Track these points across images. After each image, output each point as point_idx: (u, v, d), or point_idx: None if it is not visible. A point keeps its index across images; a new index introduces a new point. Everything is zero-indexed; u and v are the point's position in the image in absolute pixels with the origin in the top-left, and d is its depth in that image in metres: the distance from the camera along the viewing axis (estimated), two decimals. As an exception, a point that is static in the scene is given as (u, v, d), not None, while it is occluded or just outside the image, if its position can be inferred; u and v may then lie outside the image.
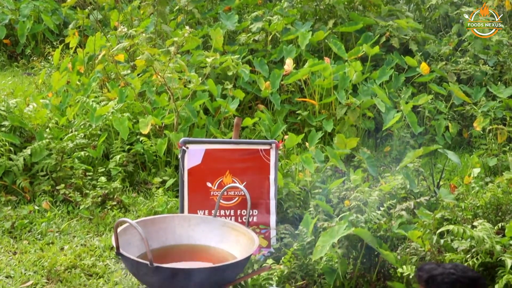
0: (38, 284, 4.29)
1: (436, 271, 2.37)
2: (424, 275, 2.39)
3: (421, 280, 2.41)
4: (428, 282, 2.36)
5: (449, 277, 2.32)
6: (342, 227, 4.01)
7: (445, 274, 2.34)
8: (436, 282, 2.33)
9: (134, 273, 3.06)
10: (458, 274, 2.33)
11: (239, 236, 3.27)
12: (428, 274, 2.38)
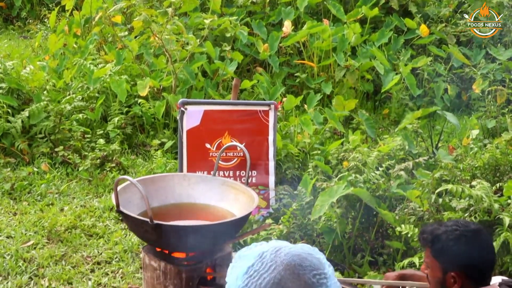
0: (38, 244, 4.32)
1: (439, 230, 2.38)
2: (429, 237, 2.40)
3: (426, 242, 2.41)
4: (434, 242, 2.37)
5: (453, 233, 2.33)
6: (341, 187, 4.03)
7: (449, 231, 2.35)
8: (441, 241, 2.34)
9: (134, 230, 3.08)
10: (461, 229, 2.34)
11: (238, 195, 3.27)
12: (432, 235, 2.39)
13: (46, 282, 3.87)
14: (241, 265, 1.63)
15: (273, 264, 1.58)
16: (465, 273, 2.31)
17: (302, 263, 1.59)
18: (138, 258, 4.18)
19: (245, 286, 1.58)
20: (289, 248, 1.64)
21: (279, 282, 1.55)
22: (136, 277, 3.95)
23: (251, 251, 1.65)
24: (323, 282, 1.59)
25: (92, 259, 4.18)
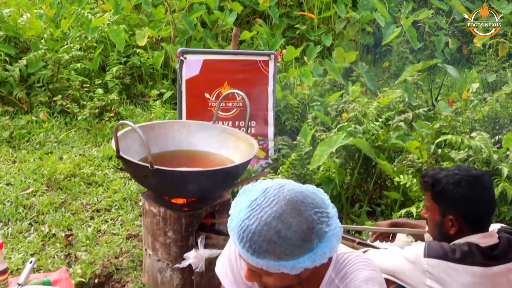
0: (38, 191, 4.33)
1: (440, 174, 2.38)
2: (429, 180, 2.40)
3: (427, 185, 2.42)
4: (434, 185, 2.37)
5: (453, 177, 2.33)
6: (340, 137, 4.03)
7: (450, 175, 2.35)
8: (441, 184, 2.34)
9: (134, 176, 3.08)
10: (462, 173, 2.34)
11: (238, 142, 3.27)
12: (433, 179, 2.39)
13: (46, 228, 3.89)
14: (244, 199, 1.64)
15: (275, 198, 1.59)
16: (463, 217, 2.32)
17: (304, 200, 1.60)
18: (137, 206, 4.20)
19: (246, 219, 1.59)
20: (292, 185, 1.64)
21: (280, 216, 1.56)
22: (136, 224, 3.97)
23: (256, 187, 1.66)
24: (324, 221, 1.60)
25: (91, 207, 4.20)
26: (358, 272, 1.75)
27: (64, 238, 3.75)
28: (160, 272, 3.18)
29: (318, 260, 1.60)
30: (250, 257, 1.60)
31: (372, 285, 1.73)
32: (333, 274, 1.78)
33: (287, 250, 1.57)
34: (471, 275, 2.22)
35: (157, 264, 3.18)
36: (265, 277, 1.68)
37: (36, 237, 3.77)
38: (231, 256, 2.00)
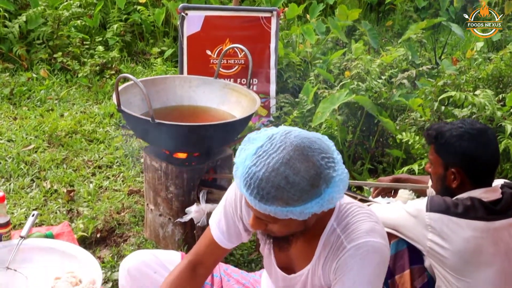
0: (39, 148, 4.33)
1: (445, 127, 2.37)
2: (433, 133, 2.38)
3: (430, 138, 2.40)
4: (437, 138, 2.35)
5: (457, 130, 2.32)
6: (342, 94, 4.00)
7: (453, 128, 2.33)
8: (445, 137, 2.33)
9: (136, 130, 3.06)
10: (466, 127, 2.32)
11: (240, 98, 3.25)
12: (437, 131, 2.37)
13: (48, 184, 3.89)
14: (250, 147, 1.62)
15: (282, 145, 1.58)
16: (465, 170, 2.30)
17: (311, 146, 1.58)
18: (138, 163, 4.20)
19: (253, 166, 1.57)
20: (299, 131, 1.63)
21: (288, 162, 1.55)
22: (137, 180, 3.98)
23: (261, 134, 1.64)
24: (331, 166, 1.59)
25: (93, 163, 4.20)
26: (360, 223, 1.75)
27: (66, 194, 3.76)
28: (161, 227, 3.19)
29: (326, 205, 1.59)
30: (257, 204, 1.59)
31: (374, 237, 1.72)
32: (335, 224, 1.78)
33: (295, 196, 1.56)
34: (473, 230, 2.22)
35: (159, 218, 3.19)
36: (271, 224, 1.68)
37: (38, 193, 3.78)
38: (227, 207, 1.99)
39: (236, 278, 2.29)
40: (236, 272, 2.33)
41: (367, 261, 1.70)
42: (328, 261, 1.78)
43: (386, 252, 1.76)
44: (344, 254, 1.72)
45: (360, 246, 1.71)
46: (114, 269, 3.07)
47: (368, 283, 1.70)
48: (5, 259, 2.52)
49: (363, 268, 1.70)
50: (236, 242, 2.05)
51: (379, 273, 1.74)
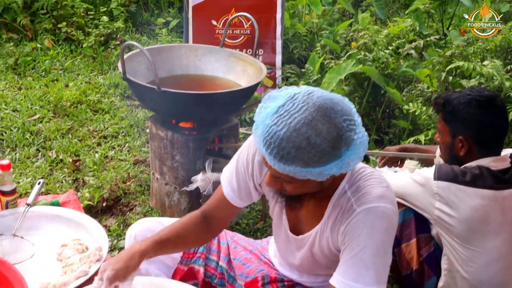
0: (45, 118, 4.32)
1: (453, 95, 2.34)
2: (441, 101, 2.36)
3: (438, 106, 2.37)
4: (445, 106, 2.33)
5: (465, 97, 2.29)
6: (349, 65, 3.97)
7: (461, 96, 2.31)
8: (452, 104, 2.30)
9: (141, 99, 3.05)
10: (474, 94, 2.30)
11: (246, 66, 3.22)
12: (445, 99, 2.35)
13: (54, 154, 3.89)
14: (270, 105, 1.60)
15: (305, 105, 1.55)
16: (473, 138, 2.28)
17: (334, 107, 1.56)
18: (144, 133, 4.19)
19: (274, 125, 1.56)
20: (321, 92, 1.60)
21: (310, 122, 1.53)
22: (143, 150, 3.97)
23: (282, 93, 1.62)
24: (352, 128, 1.57)
25: (98, 133, 4.19)
26: (371, 188, 1.73)
27: (71, 164, 3.76)
28: (167, 196, 3.19)
29: (345, 167, 1.58)
30: (277, 163, 1.58)
31: (384, 202, 1.71)
32: (347, 186, 1.77)
33: (315, 157, 1.54)
34: (481, 198, 2.21)
35: (165, 188, 3.19)
36: (287, 183, 1.67)
37: (44, 162, 3.78)
38: (239, 165, 1.98)
39: (243, 245, 2.29)
40: (243, 239, 2.33)
41: (376, 226, 1.69)
42: (337, 223, 1.77)
43: (395, 218, 1.75)
44: (354, 218, 1.71)
45: (370, 211, 1.70)
46: (120, 237, 3.08)
47: (377, 248, 1.69)
48: (12, 226, 2.52)
49: (372, 232, 1.69)
50: (247, 201, 2.04)
51: (387, 239, 1.73)
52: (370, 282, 1.68)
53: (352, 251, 1.71)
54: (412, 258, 2.44)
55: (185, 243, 2.08)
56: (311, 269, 2.04)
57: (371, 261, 1.69)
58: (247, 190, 2.00)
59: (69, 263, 2.34)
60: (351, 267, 1.70)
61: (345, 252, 1.74)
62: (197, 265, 2.25)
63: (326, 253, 1.87)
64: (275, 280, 2.11)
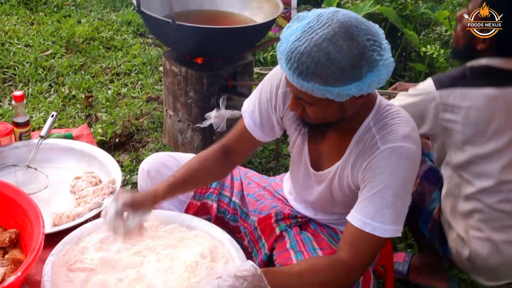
0: (57, 54, 4.28)
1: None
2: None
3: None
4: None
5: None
6: (367, 5, 3.88)
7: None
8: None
9: (155, 33, 3.01)
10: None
11: (262, 3, 3.15)
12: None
13: (66, 89, 3.88)
14: (296, 24, 1.57)
15: (328, 21, 1.52)
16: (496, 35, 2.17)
17: (358, 25, 1.52)
18: (157, 71, 4.15)
19: (296, 40, 1.52)
20: (348, 11, 1.56)
21: (331, 38, 1.49)
22: (156, 88, 3.94)
23: (310, 13, 1.59)
24: (376, 49, 1.53)
25: (111, 70, 4.16)
26: (397, 127, 1.70)
27: (84, 100, 3.74)
28: (180, 133, 3.18)
29: (365, 89, 1.54)
30: (296, 79, 1.55)
31: (409, 142, 1.68)
32: (372, 123, 1.73)
33: (334, 74, 1.51)
34: (486, 97, 2.10)
35: (178, 124, 3.17)
36: (308, 106, 1.64)
37: (56, 98, 3.76)
38: (262, 97, 1.95)
39: (257, 181, 2.28)
40: (256, 175, 2.32)
41: (399, 165, 1.66)
42: (359, 160, 1.75)
43: (418, 160, 1.72)
44: (377, 156, 1.68)
45: (394, 149, 1.66)
46: (133, 173, 3.09)
47: (398, 188, 1.67)
48: (26, 158, 2.52)
49: (395, 172, 1.66)
50: (269, 135, 2.01)
51: (409, 180, 1.70)
52: (387, 221, 1.67)
53: (373, 189, 1.69)
54: None
55: (202, 182, 2.09)
56: (328, 207, 2.03)
57: (391, 200, 1.67)
58: (270, 123, 1.97)
59: (83, 195, 2.35)
60: (369, 205, 1.68)
61: (364, 190, 1.72)
62: (210, 201, 2.24)
63: (345, 190, 1.85)
64: (288, 217, 2.10)
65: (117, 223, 1.85)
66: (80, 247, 2.04)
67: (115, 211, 1.83)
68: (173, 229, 2.17)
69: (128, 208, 1.84)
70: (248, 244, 2.15)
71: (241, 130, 2.01)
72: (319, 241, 1.98)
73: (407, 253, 2.62)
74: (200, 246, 2.08)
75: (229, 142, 2.03)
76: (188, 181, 1.97)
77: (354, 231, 1.69)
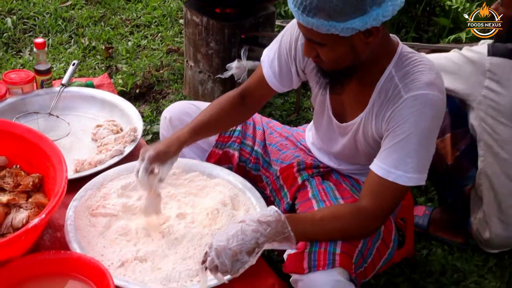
0: (77, 5, 4.25)
1: None
2: None
3: None
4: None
5: None
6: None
7: None
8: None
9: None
10: None
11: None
12: None
13: (86, 41, 3.86)
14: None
15: None
16: None
17: None
18: (177, 23, 4.11)
19: None
20: None
21: None
22: (176, 40, 3.91)
23: None
24: None
25: (130, 22, 4.13)
26: (420, 74, 1.66)
27: (104, 51, 3.73)
28: (201, 84, 3.16)
29: (370, 22, 1.52)
30: (301, 16, 1.54)
31: (433, 90, 1.64)
32: (394, 71, 1.70)
33: (337, 7, 1.49)
34: None
35: (199, 75, 3.15)
36: (320, 49, 1.62)
37: (77, 49, 3.75)
38: (281, 47, 1.93)
39: (279, 131, 2.27)
40: (278, 125, 2.31)
41: (423, 113, 1.63)
42: (382, 110, 1.72)
43: (443, 107, 1.69)
44: (400, 104, 1.66)
45: (417, 97, 1.64)
46: (153, 123, 3.09)
47: (422, 136, 1.65)
48: (47, 105, 2.53)
49: (419, 120, 1.64)
50: (286, 86, 2.00)
51: (433, 128, 1.68)
52: (410, 170, 1.65)
53: (396, 137, 1.66)
54: (447, 153, 2.38)
55: (221, 125, 2.09)
56: (351, 158, 2.01)
57: (415, 149, 1.65)
58: (288, 74, 1.96)
59: (104, 142, 2.36)
60: (393, 154, 1.67)
61: (388, 139, 1.69)
62: (232, 149, 2.24)
63: (369, 141, 1.83)
64: (310, 166, 2.09)
65: (150, 181, 1.87)
66: (102, 193, 2.06)
67: (143, 170, 1.84)
68: (194, 177, 2.18)
69: (155, 162, 1.86)
70: (270, 194, 2.15)
71: (259, 77, 2.01)
72: (341, 190, 1.98)
73: (427, 207, 2.61)
74: (221, 194, 2.10)
75: (247, 88, 2.04)
76: (209, 124, 2.00)
77: (376, 179, 1.68)
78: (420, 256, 2.44)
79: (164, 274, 1.75)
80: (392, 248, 1.90)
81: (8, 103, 2.50)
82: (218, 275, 1.59)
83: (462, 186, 2.36)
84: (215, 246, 1.58)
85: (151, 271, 1.77)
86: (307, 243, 1.70)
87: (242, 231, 1.59)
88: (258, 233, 1.59)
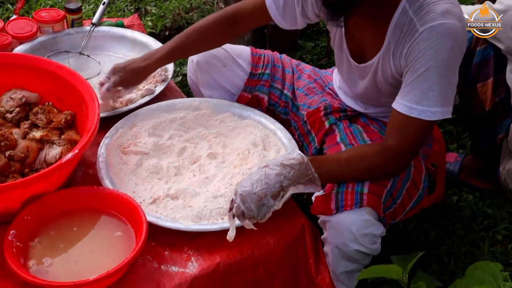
0: None
1: None
2: None
3: None
4: None
5: None
6: None
7: None
8: None
9: None
10: None
11: None
12: None
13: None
14: None
15: None
16: None
17: None
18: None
19: None
20: None
21: None
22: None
23: None
24: None
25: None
26: (435, 5, 1.59)
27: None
28: (231, 26, 3.12)
29: None
30: None
31: (449, 18, 1.57)
32: (407, 5, 1.63)
33: None
34: None
35: (229, 18, 3.11)
36: None
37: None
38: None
39: (308, 73, 2.22)
40: (308, 67, 2.26)
41: (441, 44, 1.57)
42: (399, 46, 1.67)
43: (463, 35, 1.61)
44: (417, 38, 1.60)
45: (434, 28, 1.57)
46: (182, 65, 3.08)
47: (442, 68, 1.58)
48: (78, 44, 2.52)
49: (437, 51, 1.57)
50: (289, 23, 1.97)
51: (454, 57, 1.61)
52: (434, 103, 1.60)
53: (416, 72, 1.61)
54: (487, 99, 2.31)
55: (201, 49, 2.12)
56: (375, 99, 1.97)
57: (436, 81, 1.59)
58: (292, 12, 1.92)
59: (135, 82, 2.35)
60: (414, 89, 1.61)
61: (407, 75, 1.64)
62: (261, 93, 2.21)
63: (389, 81, 1.79)
64: (337, 110, 2.06)
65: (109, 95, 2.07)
66: (134, 132, 2.07)
67: (105, 89, 2.04)
68: (224, 118, 2.17)
69: (119, 86, 2.04)
70: (299, 139, 2.13)
71: (259, 5, 1.96)
72: (370, 132, 1.95)
73: (459, 154, 2.57)
74: (252, 135, 2.09)
75: (240, 11, 2.01)
76: (186, 49, 2.09)
77: (400, 117, 1.65)
78: (450, 202, 2.42)
79: (195, 211, 1.76)
80: (422, 189, 1.88)
81: (39, 42, 2.49)
82: (245, 221, 1.59)
83: (495, 134, 2.32)
84: (240, 192, 1.58)
85: (183, 208, 1.78)
86: (334, 185, 1.70)
87: (266, 176, 1.59)
88: (282, 176, 1.59)
